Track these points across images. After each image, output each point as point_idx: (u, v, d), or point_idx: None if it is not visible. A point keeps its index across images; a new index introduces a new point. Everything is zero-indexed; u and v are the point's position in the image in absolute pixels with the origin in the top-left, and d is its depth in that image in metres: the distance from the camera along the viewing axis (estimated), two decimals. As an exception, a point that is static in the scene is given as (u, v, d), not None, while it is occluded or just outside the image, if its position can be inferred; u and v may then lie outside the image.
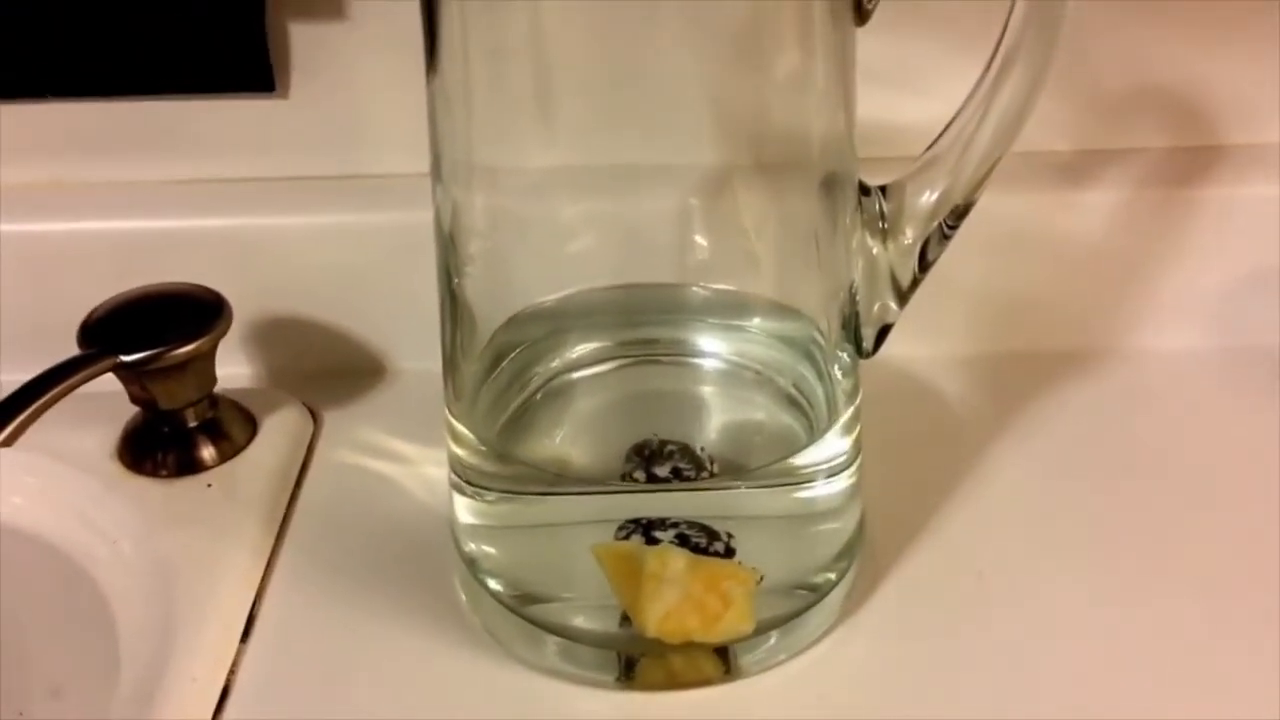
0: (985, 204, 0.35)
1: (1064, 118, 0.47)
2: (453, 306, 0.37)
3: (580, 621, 0.36)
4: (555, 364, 0.39)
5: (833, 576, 0.37)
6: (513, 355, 0.39)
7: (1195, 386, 0.47)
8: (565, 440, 0.39)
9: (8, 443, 0.37)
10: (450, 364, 0.37)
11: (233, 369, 0.47)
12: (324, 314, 0.48)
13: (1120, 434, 0.45)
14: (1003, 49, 0.32)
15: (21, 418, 0.37)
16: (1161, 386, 0.47)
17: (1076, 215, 0.47)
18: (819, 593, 0.37)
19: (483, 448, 0.36)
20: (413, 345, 0.48)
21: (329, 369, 0.48)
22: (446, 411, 0.37)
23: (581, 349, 0.40)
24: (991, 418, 0.45)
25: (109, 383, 0.40)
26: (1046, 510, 0.41)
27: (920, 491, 0.42)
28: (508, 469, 0.37)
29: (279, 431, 0.45)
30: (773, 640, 0.36)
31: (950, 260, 0.36)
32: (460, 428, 0.37)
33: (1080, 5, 0.33)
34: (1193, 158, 0.47)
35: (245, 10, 0.44)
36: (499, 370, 0.38)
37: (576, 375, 0.39)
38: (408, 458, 0.44)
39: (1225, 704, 0.35)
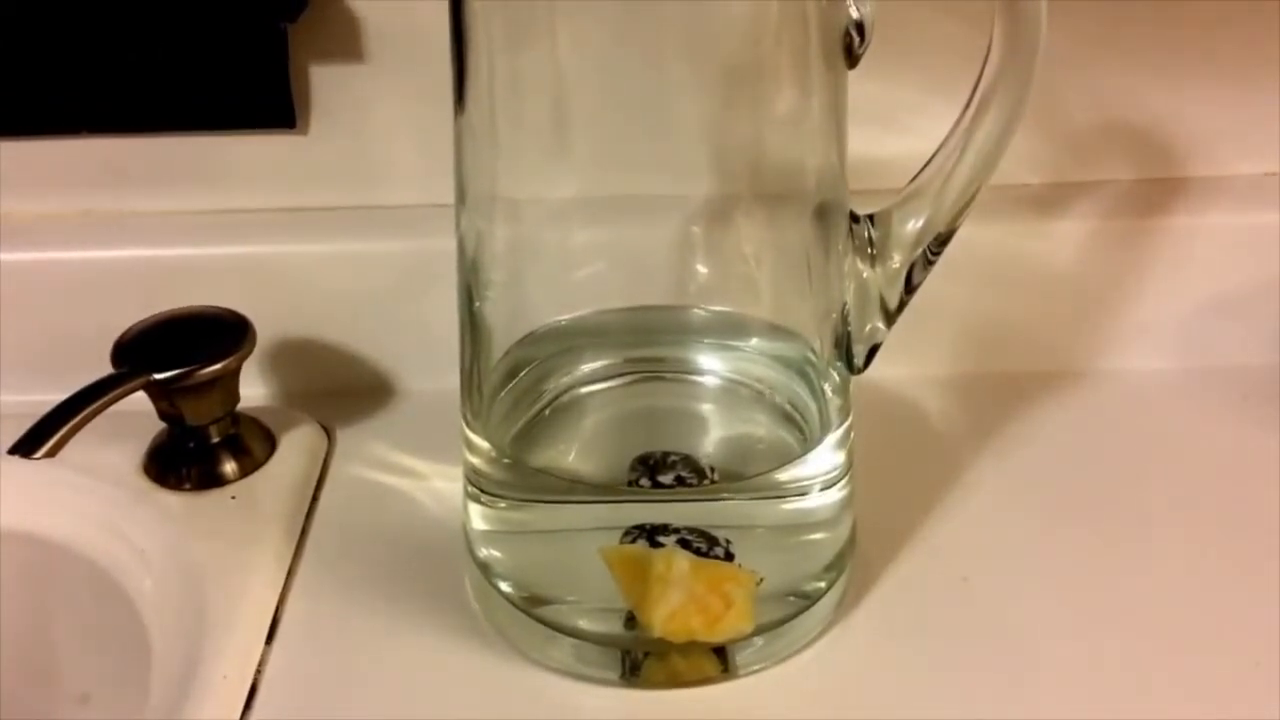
0: (965, 233, 0.37)
1: (1037, 153, 0.48)
2: (472, 326, 0.38)
3: (587, 622, 0.37)
4: (566, 379, 0.41)
5: (823, 585, 0.38)
6: (526, 371, 0.40)
7: (1161, 404, 0.48)
8: (575, 450, 0.40)
9: (51, 454, 0.38)
10: (468, 379, 0.39)
11: (252, 389, 0.48)
12: (338, 337, 0.49)
13: (1092, 448, 0.46)
14: (980, 90, 0.34)
15: (63, 431, 0.39)
16: (1129, 404, 0.48)
17: (1049, 244, 0.48)
18: (813, 598, 0.38)
19: (496, 457, 0.38)
20: (422, 367, 0.49)
21: (342, 389, 0.49)
22: (463, 424, 0.39)
23: (591, 365, 0.41)
24: (972, 433, 0.46)
25: (133, 402, 0.42)
26: (1026, 519, 0.43)
27: (907, 502, 0.43)
28: (521, 478, 0.38)
29: (296, 447, 0.46)
30: (770, 642, 0.37)
31: (932, 287, 0.37)
32: (476, 439, 0.38)
33: (1051, 48, 0.33)
34: (1156, 189, 0.49)
35: (269, 52, 0.46)
36: (513, 384, 0.40)
37: (585, 390, 0.41)
38: (418, 472, 0.45)
39: (1202, 703, 0.36)
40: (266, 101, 0.47)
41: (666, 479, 0.38)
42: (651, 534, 0.36)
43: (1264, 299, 0.48)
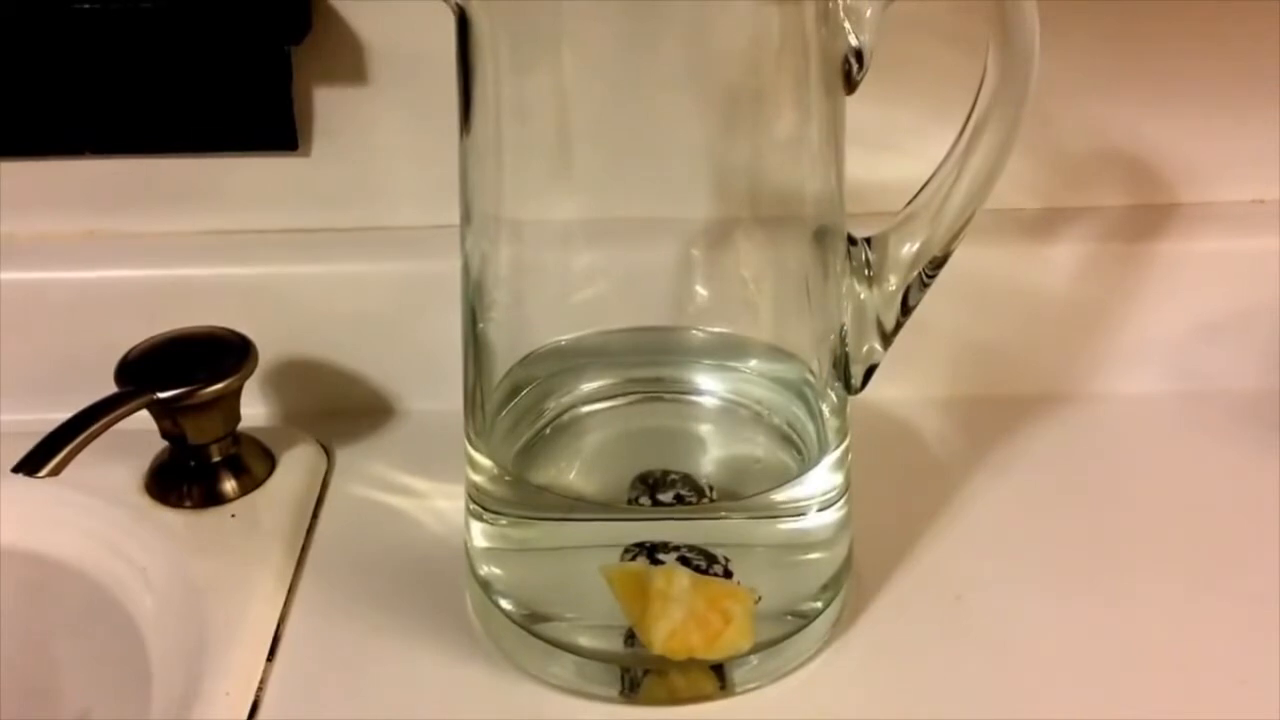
0: (960, 257, 0.37)
1: (1031, 178, 0.49)
2: (476, 346, 0.39)
3: (587, 639, 0.37)
4: (567, 399, 0.41)
5: (820, 604, 0.39)
6: (528, 389, 0.40)
7: (1153, 426, 0.48)
8: (576, 469, 0.41)
9: (55, 472, 0.39)
10: (471, 398, 0.39)
11: (253, 408, 0.48)
12: (339, 357, 0.49)
13: (1085, 469, 0.46)
14: (975, 116, 0.35)
15: (67, 450, 0.39)
16: (1122, 426, 0.48)
17: (1043, 268, 0.48)
18: (810, 617, 0.38)
19: (498, 474, 0.38)
20: (421, 387, 0.50)
21: (342, 409, 0.50)
22: (466, 441, 0.39)
23: (592, 385, 0.41)
24: (967, 454, 0.47)
25: (134, 421, 0.42)
26: (1019, 538, 0.43)
27: (902, 522, 0.43)
28: (522, 495, 0.39)
29: (296, 466, 0.46)
30: (766, 660, 0.38)
31: (928, 309, 0.38)
32: (479, 457, 0.38)
33: (1045, 75, 0.34)
34: (1148, 215, 0.49)
35: (272, 74, 0.46)
36: (515, 403, 0.40)
37: (586, 409, 0.41)
38: (417, 491, 0.46)
39: (1191, 715, 0.37)
40: (269, 123, 0.47)
41: (666, 497, 0.38)
42: (651, 551, 0.37)
43: (1255, 323, 0.49)
